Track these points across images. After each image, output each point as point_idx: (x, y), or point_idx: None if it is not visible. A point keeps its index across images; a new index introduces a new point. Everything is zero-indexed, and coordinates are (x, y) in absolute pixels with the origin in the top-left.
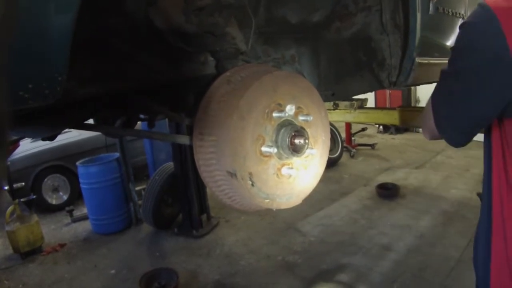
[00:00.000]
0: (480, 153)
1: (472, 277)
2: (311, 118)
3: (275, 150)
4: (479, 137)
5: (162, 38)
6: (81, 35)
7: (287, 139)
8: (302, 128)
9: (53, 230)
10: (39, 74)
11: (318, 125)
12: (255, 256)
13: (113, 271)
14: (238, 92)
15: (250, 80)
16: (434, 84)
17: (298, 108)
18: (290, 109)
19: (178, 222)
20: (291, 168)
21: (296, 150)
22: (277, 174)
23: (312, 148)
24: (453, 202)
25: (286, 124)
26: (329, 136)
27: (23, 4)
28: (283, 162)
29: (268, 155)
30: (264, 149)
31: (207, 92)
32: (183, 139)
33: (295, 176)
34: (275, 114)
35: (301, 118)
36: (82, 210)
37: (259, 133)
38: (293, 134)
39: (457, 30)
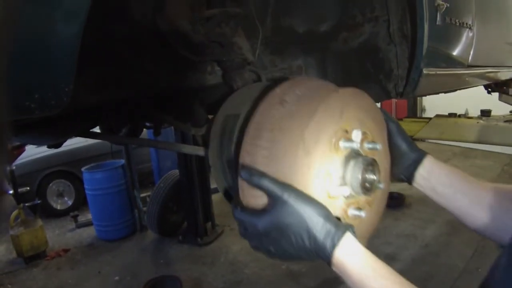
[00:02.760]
0: (486, 162)
1: (476, 287)
2: (380, 146)
3: (347, 191)
4: (485, 147)
5: (169, 47)
6: (87, 43)
7: (359, 176)
8: (374, 160)
9: (57, 235)
10: (46, 84)
11: (382, 151)
12: (259, 264)
13: (116, 278)
14: (299, 118)
15: (313, 101)
16: (441, 95)
17: (363, 133)
18: (356, 136)
19: (183, 229)
20: (359, 208)
21: (368, 188)
22: (344, 218)
23: (380, 181)
24: None
25: (353, 155)
26: (389, 162)
27: (30, 13)
28: (349, 202)
29: (335, 197)
30: (333, 190)
31: (255, 116)
32: (189, 149)
33: (362, 217)
34: (342, 144)
35: (367, 146)
36: (87, 216)
37: (326, 169)
38: (364, 168)
39: (464, 41)
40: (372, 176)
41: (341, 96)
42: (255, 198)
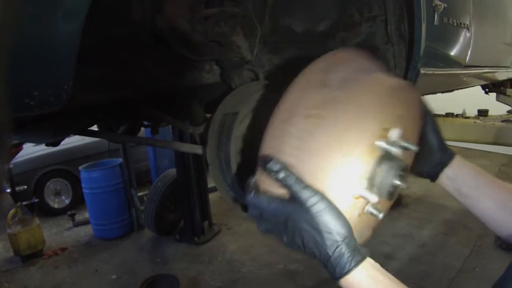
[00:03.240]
0: (483, 162)
1: (473, 287)
2: (415, 147)
3: (375, 198)
4: (483, 146)
5: (168, 47)
6: (87, 42)
7: (390, 182)
8: (407, 165)
9: (54, 233)
10: (45, 81)
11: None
12: (256, 263)
13: (114, 276)
14: (345, 111)
15: (363, 91)
16: (438, 95)
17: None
18: (395, 136)
19: (180, 228)
20: (377, 209)
21: (392, 194)
22: (360, 214)
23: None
24: (455, 211)
25: (386, 157)
26: (413, 157)
27: (31, 11)
28: (368, 200)
29: (358, 196)
30: (357, 193)
31: (288, 95)
32: (187, 147)
33: (378, 218)
34: (379, 144)
35: (401, 144)
36: (84, 215)
37: (358, 171)
38: (396, 174)
39: (461, 41)
40: (401, 183)
41: (395, 91)
42: (276, 188)
